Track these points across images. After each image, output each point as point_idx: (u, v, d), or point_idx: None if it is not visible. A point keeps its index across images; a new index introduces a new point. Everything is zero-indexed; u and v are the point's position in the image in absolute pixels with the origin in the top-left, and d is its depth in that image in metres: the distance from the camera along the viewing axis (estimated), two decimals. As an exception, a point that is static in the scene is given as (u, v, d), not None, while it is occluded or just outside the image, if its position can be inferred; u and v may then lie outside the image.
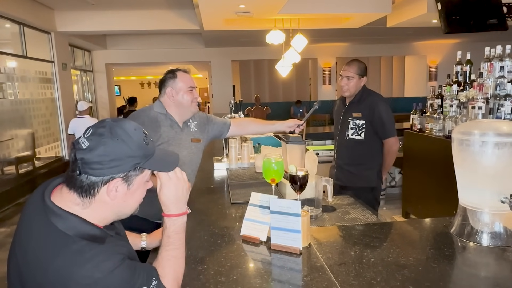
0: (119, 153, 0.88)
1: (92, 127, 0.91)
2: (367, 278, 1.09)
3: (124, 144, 0.89)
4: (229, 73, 10.95)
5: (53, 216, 0.88)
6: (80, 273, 0.82)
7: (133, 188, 0.93)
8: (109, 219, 0.96)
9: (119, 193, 0.91)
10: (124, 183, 0.91)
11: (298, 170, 1.47)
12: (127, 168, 0.90)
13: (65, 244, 0.85)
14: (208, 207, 1.85)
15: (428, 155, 3.44)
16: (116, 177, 0.89)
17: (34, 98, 6.54)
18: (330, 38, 9.61)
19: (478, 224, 1.32)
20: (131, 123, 0.94)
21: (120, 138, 0.89)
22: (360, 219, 1.69)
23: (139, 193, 0.96)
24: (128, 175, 0.91)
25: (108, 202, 0.91)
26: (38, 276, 0.86)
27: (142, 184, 0.96)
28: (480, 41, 8.66)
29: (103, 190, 0.90)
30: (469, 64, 3.28)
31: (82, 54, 9.67)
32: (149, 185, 1.00)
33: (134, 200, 0.96)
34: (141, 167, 0.93)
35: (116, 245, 0.93)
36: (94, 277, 0.83)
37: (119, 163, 0.88)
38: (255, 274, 1.17)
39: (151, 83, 21.19)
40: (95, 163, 0.87)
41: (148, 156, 0.94)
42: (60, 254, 0.84)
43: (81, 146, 0.88)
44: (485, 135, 1.27)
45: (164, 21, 7.30)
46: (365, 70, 2.53)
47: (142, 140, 0.93)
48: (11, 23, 5.99)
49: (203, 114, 2.12)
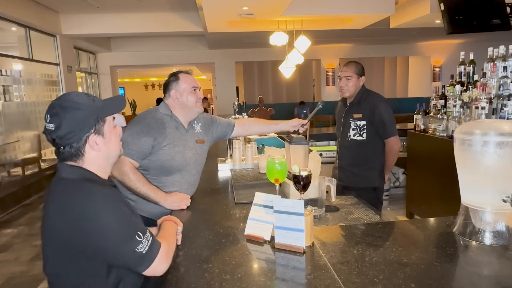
0: (78, 117, 1.08)
1: (47, 113, 1.09)
2: (369, 276, 1.10)
3: (78, 110, 1.09)
4: (233, 75, 10.98)
5: (61, 171, 1.11)
6: (84, 205, 1.03)
7: (107, 136, 1.14)
8: (105, 166, 1.18)
9: (100, 144, 1.13)
10: (98, 135, 1.12)
11: (301, 170, 1.48)
12: (92, 124, 1.11)
13: (72, 186, 1.07)
14: (213, 207, 1.87)
15: (431, 156, 3.44)
16: (89, 134, 1.10)
17: (40, 100, 6.60)
18: (333, 39, 9.62)
19: (480, 223, 1.33)
20: (71, 93, 1.14)
21: (71, 107, 1.08)
22: (364, 219, 1.70)
23: (114, 137, 1.17)
24: (97, 128, 1.12)
25: (97, 156, 1.13)
26: (58, 221, 1.04)
27: (111, 129, 1.16)
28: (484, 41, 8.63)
29: (87, 148, 1.11)
30: (472, 64, 3.28)
31: (87, 57, 9.75)
32: (118, 129, 1.20)
33: (113, 144, 1.17)
34: (101, 118, 1.13)
35: (117, 193, 1.14)
36: (96, 208, 1.03)
37: (84, 124, 1.09)
38: (259, 273, 1.19)
39: (155, 85, 21.28)
40: (68, 134, 1.07)
41: (100, 108, 1.13)
42: (69, 195, 1.06)
43: (50, 129, 1.08)
44: (486, 135, 1.28)
45: (168, 23, 7.35)
46: (363, 70, 2.57)
47: (88, 100, 1.12)
48: (17, 27, 6.06)
49: (208, 115, 2.15)
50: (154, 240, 1.11)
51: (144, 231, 1.09)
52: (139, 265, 1.06)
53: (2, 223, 4.81)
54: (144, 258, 1.06)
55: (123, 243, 1.04)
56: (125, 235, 1.05)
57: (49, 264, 1.09)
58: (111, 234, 1.04)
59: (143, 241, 1.07)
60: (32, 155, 6.24)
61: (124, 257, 1.05)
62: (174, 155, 1.87)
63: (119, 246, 1.04)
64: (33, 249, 3.92)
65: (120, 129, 1.21)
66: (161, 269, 1.11)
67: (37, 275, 3.34)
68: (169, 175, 1.89)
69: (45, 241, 1.09)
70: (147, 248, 1.07)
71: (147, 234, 1.09)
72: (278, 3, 4.94)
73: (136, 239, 1.05)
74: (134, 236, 1.05)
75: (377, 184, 2.54)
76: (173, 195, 1.83)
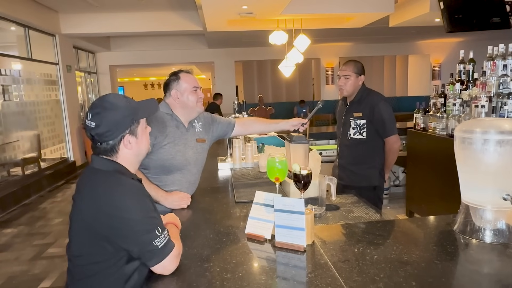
0: (117, 117, 1.18)
1: (89, 111, 1.19)
2: (370, 274, 1.11)
3: (116, 111, 1.19)
4: (232, 74, 10.98)
5: (95, 162, 1.21)
6: (113, 194, 1.12)
7: (139, 136, 1.25)
8: (135, 163, 1.28)
9: (133, 144, 1.23)
10: (132, 135, 1.22)
11: (301, 169, 1.48)
12: (128, 125, 1.21)
13: (104, 176, 1.17)
14: (213, 206, 1.87)
15: (431, 154, 3.44)
16: (125, 134, 1.20)
17: (39, 100, 6.60)
18: (333, 38, 9.62)
19: (480, 221, 1.34)
20: (110, 95, 1.24)
21: (111, 108, 1.18)
22: (364, 218, 1.71)
23: (145, 138, 1.28)
24: (132, 129, 1.22)
25: (128, 153, 1.23)
26: (88, 206, 1.13)
27: (143, 130, 1.27)
28: (483, 39, 8.63)
29: (122, 147, 1.21)
30: (472, 62, 3.28)
31: (86, 56, 9.74)
32: (149, 129, 1.31)
33: (144, 144, 1.28)
34: (135, 119, 1.23)
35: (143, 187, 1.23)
36: (124, 198, 1.12)
37: (121, 124, 1.20)
38: (260, 271, 1.19)
39: (154, 84, 21.27)
40: (106, 132, 1.17)
41: (135, 110, 1.23)
42: (101, 184, 1.15)
43: (90, 126, 1.17)
44: (487, 133, 1.28)
45: (167, 22, 7.34)
46: (362, 69, 2.56)
47: (125, 102, 1.22)
48: (16, 26, 6.05)
49: (208, 115, 2.15)
50: (170, 239, 1.16)
51: (163, 228, 1.16)
52: (152, 258, 1.11)
53: (2, 222, 4.81)
54: (158, 252, 1.12)
55: (143, 234, 1.11)
56: (147, 226, 1.11)
57: (74, 245, 1.17)
58: (134, 224, 1.10)
59: (161, 236, 1.13)
60: (32, 155, 6.24)
61: (141, 247, 1.11)
62: (174, 154, 1.87)
63: (139, 235, 1.11)
64: (33, 248, 3.92)
65: (149, 129, 1.32)
66: (170, 268, 1.15)
67: (38, 275, 3.34)
68: (169, 174, 1.89)
69: (73, 224, 1.17)
70: (162, 244, 1.12)
71: (165, 232, 1.16)
72: (278, 2, 4.94)
73: (156, 233, 1.12)
74: (154, 230, 1.12)
75: (378, 183, 2.54)
76: (173, 194, 1.83)
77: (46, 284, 3.18)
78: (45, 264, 3.54)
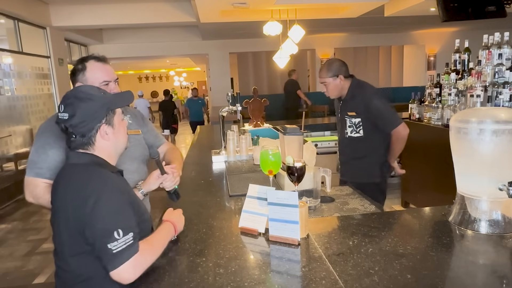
0: (92, 108, 1.16)
1: (61, 103, 1.17)
2: (365, 267, 1.09)
3: (91, 101, 1.16)
4: (227, 66, 10.88)
5: (71, 158, 1.19)
6: (86, 182, 1.09)
7: (116, 126, 1.22)
8: (113, 156, 1.25)
9: (110, 134, 1.20)
10: (109, 125, 1.20)
11: (295, 161, 1.46)
12: (103, 115, 1.18)
13: (80, 169, 1.14)
14: (207, 200, 1.85)
15: (426, 144, 3.43)
16: (101, 124, 1.18)
17: (31, 94, 6.50)
18: (328, 29, 9.54)
19: (476, 212, 1.32)
20: (84, 86, 1.25)
21: (85, 98, 1.16)
22: (359, 209, 1.69)
23: (122, 129, 1.26)
24: (108, 119, 1.19)
25: (106, 144, 1.20)
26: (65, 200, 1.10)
27: (120, 121, 1.25)
28: (479, 29, 8.60)
29: (98, 137, 1.18)
30: (467, 52, 3.25)
31: (79, 49, 9.60)
32: (125, 122, 1.28)
33: (121, 135, 1.25)
34: (111, 109, 1.21)
35: (122, 181, 1.20)
36: (96, 187, 1.07)
37: (97, 115, 1.17)
38: (254, 266, 1.18)
39: (149, 77, 21.13)
40: (81, 123, 1.14)
41: (110, 100, 1.22)
42: (76, 176, 1.12)
43: (63, 118, 1.15)
44: (482, 122, 1.26)
45: (160, 13, 7.24)
46: (338, 68, 2.43)
47: (99, 92, 1.22)
48: (6, 18, 5.93)
49: (138, 112, 1.92)
50: (132, 245, 1.04)
51: (128, 230, 1.05)
52: (107, 263, 1.02)
53: (-4, 218, 4.77)
54: (112, 258, 1.01)
55: (101, 233, 1.03)
56: (107, 225, 1.03)
57: (61, 250, 1.13)
58: (95, 220, 1.04)
59: (120, 240, 1.02)
60: (25, 150, 6.16)
61: (97, 247, 1.04)
62: None
63: (97, 234, 1.04)
64: (27, 244, 3.90)
65: (126, 122, 1.30)
66: (126, 277, 1.03)
67: (32, 270, 3.32)
68: None
69: (55, 228, 1.15)
70: (119, 249, 1.01)
71: (129, 236, 1.04)
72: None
73: (114, 236, 1.02)
74: (113, 232, 1.02)
75: (379, 178, 2.49)
76: None
77: (40, 279, 3.15)
78: (40, 260, 3.52)
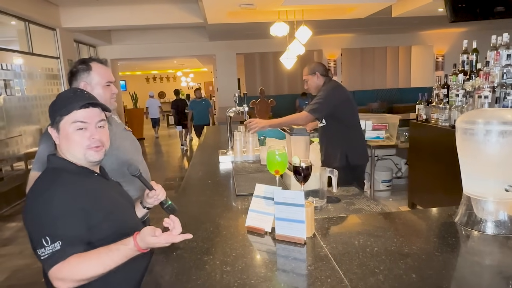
0: (50, 109, 1.25)
1: None
2: (370, 266, 1.10)
3: (52, 103, 1.25)
4: (234, 67, 10.92)
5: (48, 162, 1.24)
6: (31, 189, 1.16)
7: (62, 133, 1.22)
8: (76, 158, 1.23)
9: (57, 138, 1.23)
10: (54, 129, 1.23)
11: (301, 161, 1.47)
12: (53, 118, 1.23)
13: (41, 175, 1.20)
14: (214, 199, 1.87)
15: (434, 146, 3.42)
16: (49, 126, 1.25)
17: (41, 94, 6.59)
18: (335, 29, 9.53)
19: (482, 213, 1.32)
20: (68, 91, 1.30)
21: (53, 100, 1.26)
22: (365, 210, 1.70)
23: (72, 138, 1.20)
24: (55, 124, 1.22)
25: (59, 146, 1.24)
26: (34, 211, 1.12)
27: (68, 130, 1.20)
28: (488, 29, 8.51)
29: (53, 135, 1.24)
30: (475, 52, 3.23)
31: (88, 50, 9.71)
32: (87, 134, 1.22)
33: (70, 144, 1.21)
34: (59, 115, 1.21)
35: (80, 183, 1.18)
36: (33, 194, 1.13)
37: (51, 116, 1.24)
38: (260, 264, 1.19)
39: (156, 78, 21.24)
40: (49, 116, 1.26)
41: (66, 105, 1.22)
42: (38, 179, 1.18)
43: None
44: (489, 123, 1.26)
45: (168, 15, 7.30)
46: (316, 66, 2.88)
47: (66, 97, 1.25)
48: (17, 20, 6.03)
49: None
50: (59, 253, 1.04)
51: (57, 238, 1.05)
52: (43, 264, 1.08)
53: (6, 217, 4.85)
54: (43, 262, 1.07)
55: (32, 237, 1.09)
56: (37, 232, 1.08)
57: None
58: (28, 223, 1.11)
59: (47, 247, 1.05)
60: (35, 149, 6.23)
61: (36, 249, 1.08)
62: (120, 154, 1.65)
63: (30, 236, 1.10)
64: (37, 242, 3.95)
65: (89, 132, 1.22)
66: (56, 284, 1.06)
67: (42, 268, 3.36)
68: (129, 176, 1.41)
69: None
70: (46, 256, 1.05)
71: (56, 244, 1.04)
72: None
73: (42, 242, 1.05)
74: (41, 239, 1.05)
75: (346, 162, 2.74)
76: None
77: (50, 277, 3.20)
78: (49, 258, 3.56)
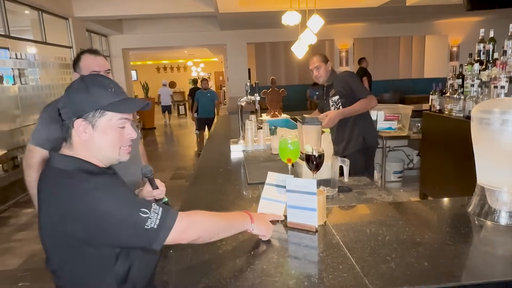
0: (78, 98, 1.03)
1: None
2: (382, 254, 1.11)
3: (84, 93, 1.03)
4: (245, 56, 10.86)
5: (53, 161, 1.06)
6: (79, 196, 0.97)
7: (99, 129, 1.05)
8: (100, 157, 1.08)
9: (88, 134, 1.04)
10: (88, 124, 1.04)
11: (314, 150, 1.48)
12: (86, 111, 1.03)
13: (66, 178, 1.01)
14: (226, 188, 1.89)
15: (447, 136, 3.37)
16: (76, 118, 1.03)
17: (54, 83, 6.68)
18: (347, 19, 9.38)
19: (496, 203, 1.32)
20: (97, 79, 1.08)
21: (82, 89, 1.04)
22: (376, 199, 1.70)
23: (110, 136, 1.06)
24: (89, 117, 1.03)
25: (82, 143, 1.05)
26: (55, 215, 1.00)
27: (110, 127, 1.06)
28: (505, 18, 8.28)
29: (74, 132, 1.05)
30: (492, 42, 3.16)
31: (99, 40, 9.77)
32: (126, 132, 1.09)
33: (106, 142, 1.06)
34: (101, 110, 1.04)
35: (115, 180, 1.09)
36: (93, 198, 0.97)
37: (80, 107, 1.03)
38: (272, 250, 1.21)
39: (167, 68, 21.30)
40: (61, 108, 1.05)
41: (110, 102, 1.05)
42: (64, 186, 1.00)
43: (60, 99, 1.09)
44: (506, 113, 1.24)
45: (179, 4, 7.28)
46: (326, 57, 2.98)
47: (105, 89, 1.05)
48: (30, 10, 6.08)
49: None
50: (166, 211, 1.02)
51: (148, 205, 1.01)
52: (154, 241, 0.99)
53: (23, 203, 4.97)
54: (158, 232, 0.99)
55: (129, 225, 0.98)
56: (128, 216, 0.98)
57: (54, 259, 1.07)
58: (113, 220, 0.97)
59: (151, 215, 0.99)
60: (49, 138, 6.36)
61: (135, 238, 0.99)
62: None
63: (125, 228, 0.98)
64: (53, 228, 4.05)
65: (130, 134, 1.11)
66: (186, 236, 1.04)
67: (57, 253, 3.46)
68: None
69: (45, 239, 1.06)
70: (158, 221, 0.99)
71: (154, 207, 1.01)
72: (291, -19, 4.82)
73: (141, 216, 0.98)
74: (139, 214, 0.98)
75: (363, 144, 2.79)
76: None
77: (65, 261, 3.29)
78: (64, 243, 3.66)
